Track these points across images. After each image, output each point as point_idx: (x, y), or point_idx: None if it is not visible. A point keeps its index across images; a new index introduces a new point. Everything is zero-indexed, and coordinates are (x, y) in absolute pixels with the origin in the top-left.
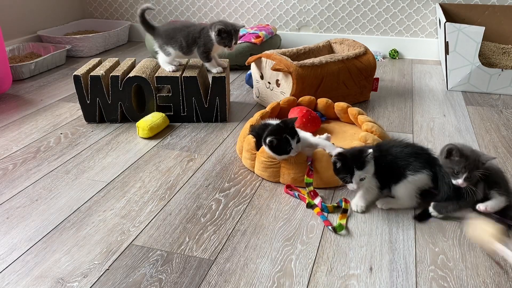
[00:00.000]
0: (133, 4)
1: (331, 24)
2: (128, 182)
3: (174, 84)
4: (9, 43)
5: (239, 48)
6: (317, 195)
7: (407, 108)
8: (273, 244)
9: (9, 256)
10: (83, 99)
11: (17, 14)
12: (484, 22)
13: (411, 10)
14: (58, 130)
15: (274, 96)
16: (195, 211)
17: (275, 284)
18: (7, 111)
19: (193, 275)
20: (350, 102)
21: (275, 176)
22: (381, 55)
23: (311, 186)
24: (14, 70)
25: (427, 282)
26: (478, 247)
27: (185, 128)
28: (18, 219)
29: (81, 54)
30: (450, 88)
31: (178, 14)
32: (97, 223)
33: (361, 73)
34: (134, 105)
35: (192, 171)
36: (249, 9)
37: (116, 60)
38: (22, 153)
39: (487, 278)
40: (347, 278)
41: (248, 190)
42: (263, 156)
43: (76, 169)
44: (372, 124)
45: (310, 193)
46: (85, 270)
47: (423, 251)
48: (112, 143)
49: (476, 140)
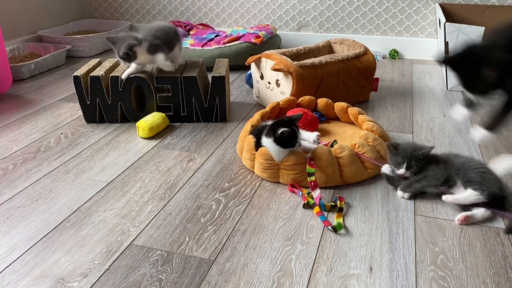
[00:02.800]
0: (133, 4)
1: (331, 24)
2: (128, 182)
3: (174, 84)
4: (9, 43)
5: (239, 48)
6: (317, 186)
7: (407, 108)
8: (273, 244)
9: (9, 256)
10: (83, 99)
11: (17, 14)
12: (484, 22)
13: (411, 10)
14: (58, 130)
15: (274, 96)
16: (195, 211)
17: (275, 284)
18: (7, 111)
19: (193, 275)
20: (350, 102)
21: (274, 176)
22: (381, 55)
23: (313, 176)
24: (14, 70)
25: (427, 282)
26: (478, 247)
27: (185, 128)
28: (18, 219)
29: (81, 54)
30: (450, 88)
31: (178, 14)
32: (97, 223)
33: (361, 73)
34: (134, 105)
35: (192, 171)
36: (249, 9)
37: (115, 60)
38: (22, 153)
39: (487, 278)
40: (347, 278)
41: (248, 190)
42: (261, 158)
43: (76, 169)
44: (372, 123)
45: (311, 184)
46: (85, 270)
47: (423, 251)
48: (112, 143)
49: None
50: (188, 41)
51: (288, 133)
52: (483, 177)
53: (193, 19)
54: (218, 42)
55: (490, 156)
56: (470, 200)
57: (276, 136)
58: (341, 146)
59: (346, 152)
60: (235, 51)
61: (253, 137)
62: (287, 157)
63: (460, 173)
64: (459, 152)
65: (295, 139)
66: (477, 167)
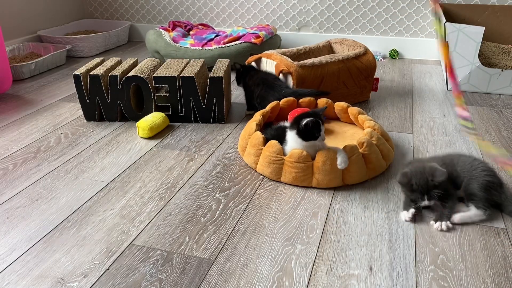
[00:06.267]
0: (133, 4)
1: (331, 24)
2: (128, 182)
3: (172, 84)
4: (9, 43)
5: (239, 48)
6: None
7: (407, 108)
8: (273, 244)
9: (9, 256)
10: (83, 98)
11: (17, 14)
12: (484, 22)
13: (411, 10)
14: (58, 130)
15: None
16: (195, 211)
17: (275, 284)
18: (7, 111)
19: (193, 275)
20: (350, 102)
21: (277, 173)
22: (381, 55)
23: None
24: (14, 70)
25: (427, 282)
26: (478, 247)
27: (185, 128)
28: (18, 219)
29: (81, 54)
30: (450, 88)
31: (178, 14)
32: (97, 223)
33: (361, 73)
34: (133, 104)
35: (192, 171)
36: (249, 9)
37: (118, 59)
38: (22, 153)
39: (487, 278)
40: (347, 278)
41: (248, 190)
42: (268, 151)
43: (76, 169)
44: (374, 122)
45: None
46: (85, 270)
47: (423, 251)
48: (112, 143)
49: (476, 140)
50: (188, 41)
51: (312, 122)
52: (487, 189)
53: (193, 19)
54: (218, 42)
55: (490, 156)
56: (475, 220)
57: (300, 127)
58: (351, 150)
59: (354, 157)
60: (235, 51)
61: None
62: (290, 152)
63: (464, 180)
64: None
65: (318, 131)
66: (482, 175)
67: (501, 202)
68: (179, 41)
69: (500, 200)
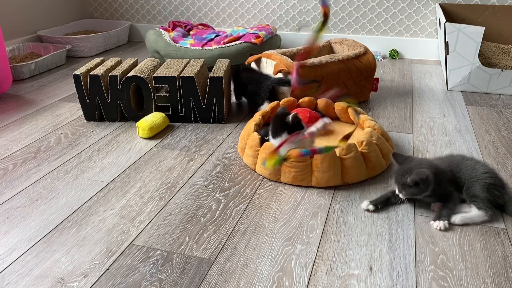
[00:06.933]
0: (133, 4)
1: (331, 24)
2: (128, 182)
3: (172, 84)
4: (9, 43)
5: (239, 48)
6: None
7: (407, 108)
8: (273, 244)
9: (9, 256)
10: (83, 98)
11: (17, 14)
12: (484, 22)
13: (411, 10)
14: (58, 130)
15: None
16: (195, 211)
17: (275, 284)
18: (7, 111)
19: (193, 275)
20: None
21: (276, 174)
22: (381, 55)
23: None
24: (14, 70)
25: (427, 282)
26: (478, 247)
27: (185, 128)
28: (18, 219)
29: (81, 54)
30: (450, 88)
31: (178, 14)
32: (97, 223)
33: (361, 73)
34: (133, 104)
35: (192, 171)
36: (249, 9)
37: (118, 59)
38: (22, 153)
39: (487, 278)
40: (347, 278)
41: (248, 190)
42: (264, 153)
43: (76, 169)
44: (374, 122)
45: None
46: (85, 270)
47: (423, 251)
48: (112, 143)
49: (476, 140)
50: (188, 41)
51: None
52: (489, 190)
53: (193, 19)
54: (218, 42)
55: (490, 156)
56: (476, 221)
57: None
58: (349, 147)
59: (352, 154)
60: (235, 51)
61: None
62: (290, 152)
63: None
64: (459, 152)
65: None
66: (483, 178)
67: (503, 203)
68: (179, 41)
69: (502, 201)
